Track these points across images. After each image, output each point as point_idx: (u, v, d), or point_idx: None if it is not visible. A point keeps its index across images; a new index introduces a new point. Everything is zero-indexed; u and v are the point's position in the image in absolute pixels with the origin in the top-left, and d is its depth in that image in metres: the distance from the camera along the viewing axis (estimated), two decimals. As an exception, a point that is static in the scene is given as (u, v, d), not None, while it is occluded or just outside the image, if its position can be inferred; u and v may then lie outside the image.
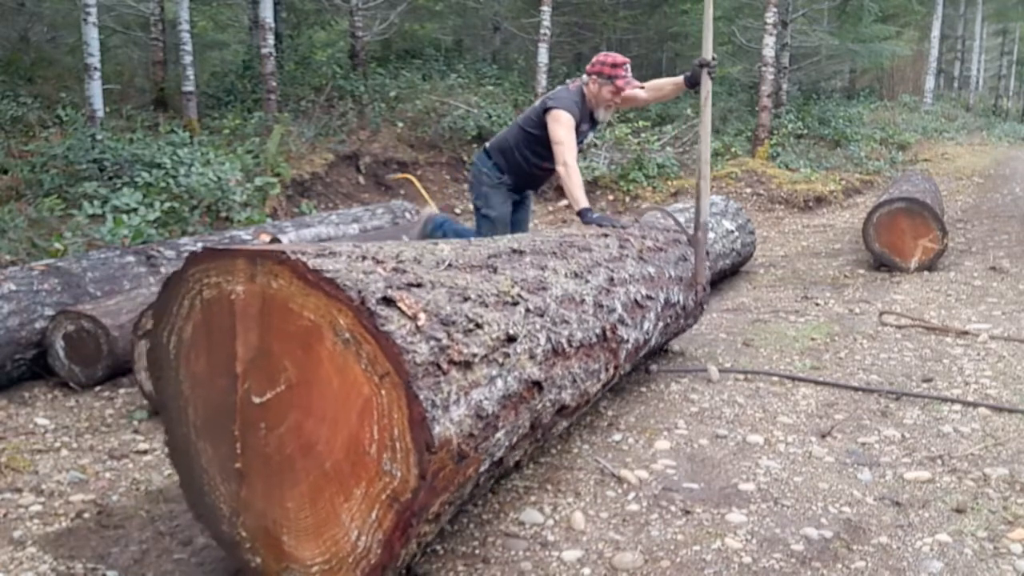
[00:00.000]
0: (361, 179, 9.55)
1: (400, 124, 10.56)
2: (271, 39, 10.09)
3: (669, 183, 10.47)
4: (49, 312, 4.08)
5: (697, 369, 4.04)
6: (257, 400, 2.01)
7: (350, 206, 8.50)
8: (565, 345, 2.57)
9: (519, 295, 2.42)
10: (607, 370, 2.94)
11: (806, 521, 2.56)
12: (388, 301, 1.91)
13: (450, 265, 2.31)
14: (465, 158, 10.50)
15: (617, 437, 3.22)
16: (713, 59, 4.05)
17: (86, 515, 2.72)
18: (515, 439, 2.28)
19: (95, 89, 8.01)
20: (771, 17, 12.05)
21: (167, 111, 10.19)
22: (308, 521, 1.99)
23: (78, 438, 3.41)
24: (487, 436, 2.09)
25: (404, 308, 1.92)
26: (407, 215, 7.94)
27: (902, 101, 19.41)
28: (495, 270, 2.48)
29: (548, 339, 2.46)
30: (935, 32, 19.16)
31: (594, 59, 4.24)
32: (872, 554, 2.37)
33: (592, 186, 10.01)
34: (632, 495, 2.74)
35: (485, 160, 4.42)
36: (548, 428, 2.56)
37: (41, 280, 4.19)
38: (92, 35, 8.02)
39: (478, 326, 2.12)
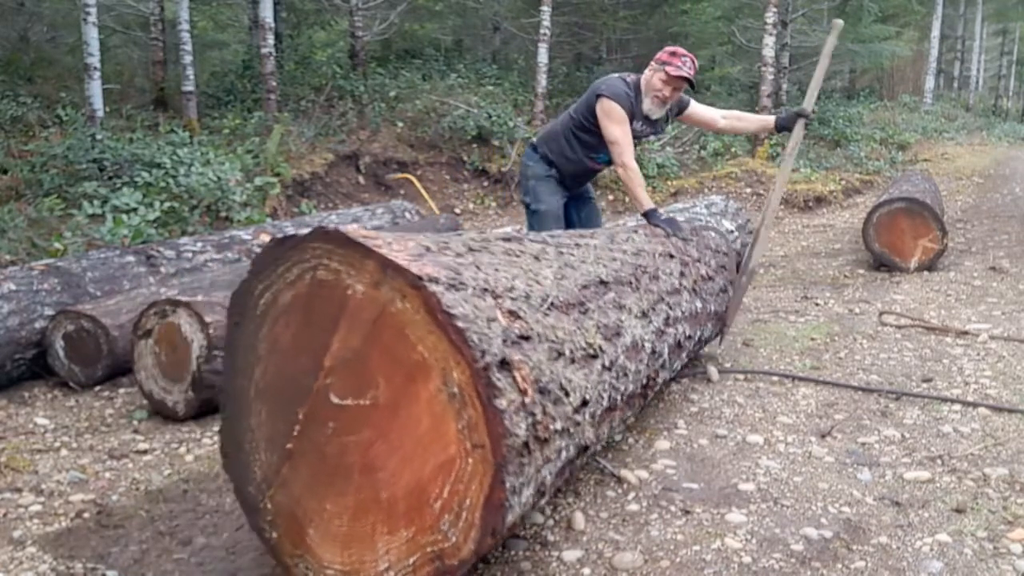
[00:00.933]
0: (361, 179, 9.55)
1: (400, 124, 10.56)
2: (271, 39, 10.08)
3: (669, 183, 10.48)
4: (49, 312, 4.07)
5: (697, 370, 4.04)
6: (335, 400, 1.93)
7: (350, 206, 8.50)
8: (618, 400, 2.52)
9: (600, 347, 2.37)
10: (633, 416, 2.90)
11: (806, 521, 2.56)
12: (505, 366, 1.83)
13: (552, 305, 2.22)
14: (465, 158, 10.50)
15: (617, 437, 3.22)
16: (813, 111, 3.83)
17: (86, 515, 2.72)
18: (549, 496, 2.26)
19: (95, 89, 8.01)
20: (771, 17, 12.06)
21: (167, 111, 10.19)
22: (341, 530, 1.94)
23: (78, 438, 3.41)
24: (535, 505, 2.05)
25: (519, 379, 1.84)
26: (407, 215, 7.94)
27: (902, 101, 19.43)
28: (585, 311, 2.41)
29: (609, 397, 2.41)
30: (935, 32, 19.18)
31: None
32: (872, 554, 2.37)
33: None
34: (632, 495, 2.74)
35: (531, 154, 4.18)
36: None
37: (41, 280, 4.19)
38: (92, 35, 8.02)
39: (566, 393, 2.06)
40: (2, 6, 11.55)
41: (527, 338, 1.98)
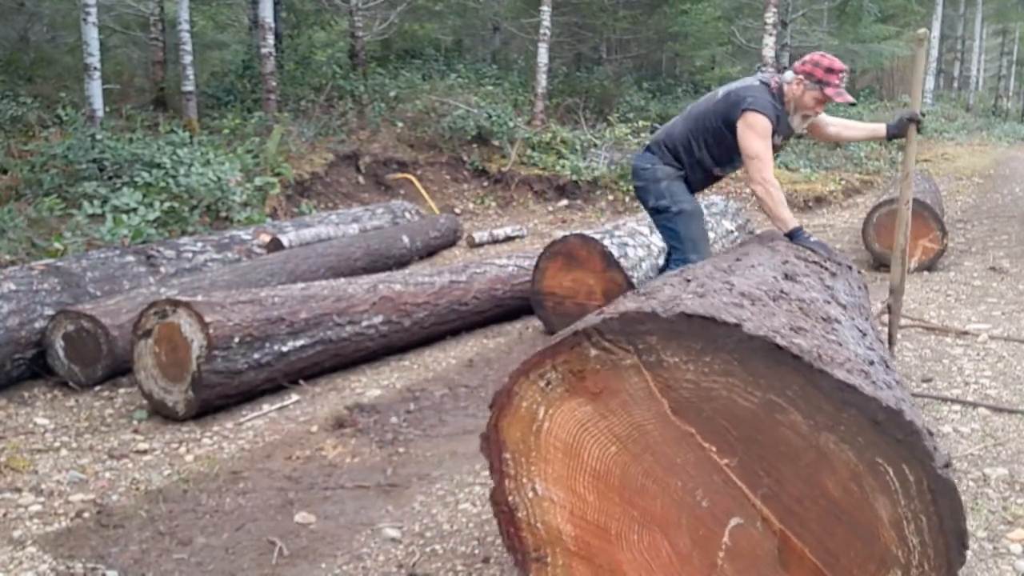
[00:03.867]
0: (361, 179, 9.55)
1: (400, 124, 10.55)
2: (271, 39, 10.09)
3: (669, 183, 10.47)
4: (49, 312, 4.07)
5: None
6: (720, 537, 1.71)
7: (350, 206, 8.50)
8: None
9: None
10: None
11: (806, 521, 2.56)
12: None
13: None
14: (465, 158, 10.50)
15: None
16: (923, 114, 3.57)
17: (86, 515, 2.72)
18: None
19: (95, 89, 8.00)
20: (771, 17, 12.05)
21: (167, 111, 10.18)
22: None
23: (78, 438, 3.41)
24: None
25: None
26: (407, 215, 7.95)
27: (902, 101, 19.43)
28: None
29: None
30: (935, 32, 19.19)
31: (806, 57, 3.51)
32: (872, 554, 2.37)
33: (592, 186, 10.00)
34: (632, 495, 2.73)
35: (650, 157, 3.82)
36: None
37: (41, 280, 4.19)
38: (92, 35, 8.01)
39: None
40: (2, 6, 11.55)
41: None
